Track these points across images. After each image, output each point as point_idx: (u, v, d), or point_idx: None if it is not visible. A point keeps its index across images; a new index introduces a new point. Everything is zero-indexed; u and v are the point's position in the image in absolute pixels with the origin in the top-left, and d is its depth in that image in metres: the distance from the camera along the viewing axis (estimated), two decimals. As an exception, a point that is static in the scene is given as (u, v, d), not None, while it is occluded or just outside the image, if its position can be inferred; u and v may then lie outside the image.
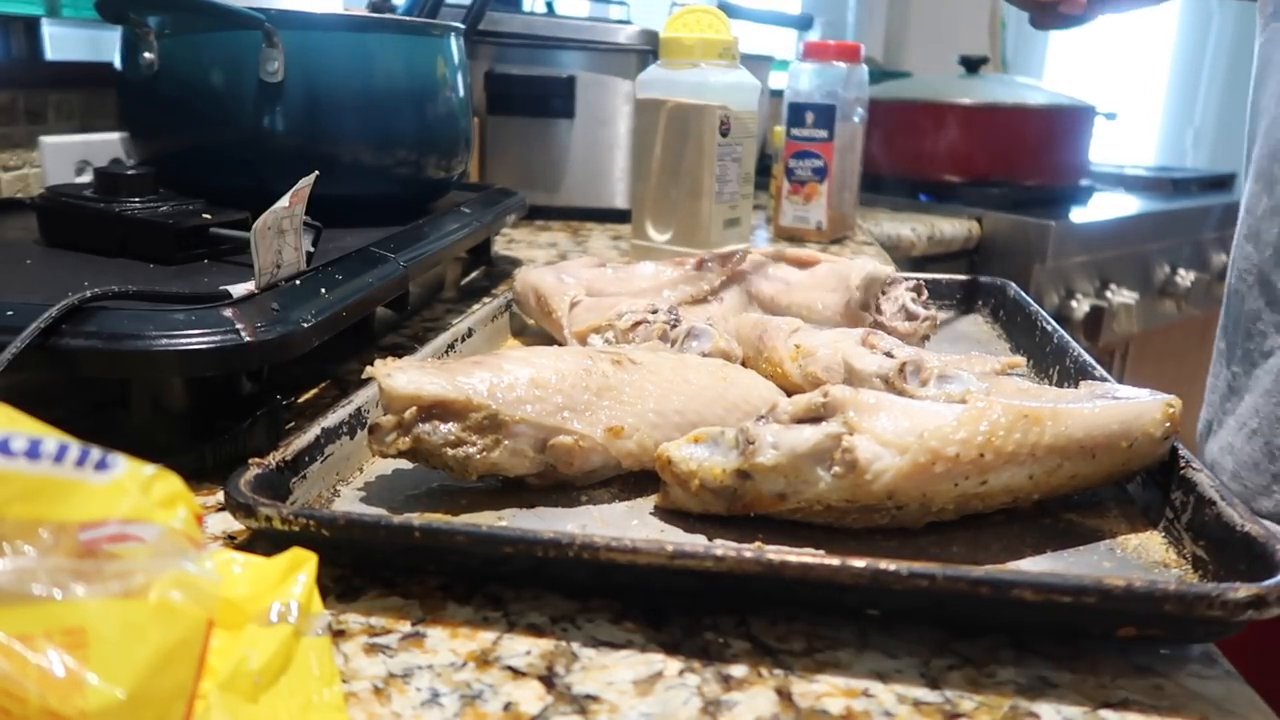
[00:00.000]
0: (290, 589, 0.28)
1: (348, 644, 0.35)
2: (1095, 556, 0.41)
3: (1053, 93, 1.73)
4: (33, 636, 0.23)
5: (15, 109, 0.97)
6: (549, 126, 1.27)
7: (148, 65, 0.71)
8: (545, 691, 0.33)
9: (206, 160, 0.73)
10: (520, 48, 1.26)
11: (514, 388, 0.45)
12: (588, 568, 0.36)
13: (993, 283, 0.81)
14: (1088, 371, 0.56)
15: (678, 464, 0.43)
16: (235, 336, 0.45)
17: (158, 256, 0.59)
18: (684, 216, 0.94)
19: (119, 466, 0.27)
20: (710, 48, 0.91)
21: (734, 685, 0.33)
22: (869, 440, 0.40)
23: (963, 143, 1.66)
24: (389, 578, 0.39)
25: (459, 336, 0.62)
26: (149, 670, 0.24)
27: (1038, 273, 1.47)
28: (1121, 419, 0.43)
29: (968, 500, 0.41)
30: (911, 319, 0.64)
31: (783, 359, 0.57)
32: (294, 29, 0.70)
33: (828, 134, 1.18)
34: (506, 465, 0.44)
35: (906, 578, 0.33)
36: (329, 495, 0.45)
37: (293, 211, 0.53)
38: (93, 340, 0.44)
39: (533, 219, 1.29)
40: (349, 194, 0.74)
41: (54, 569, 0.24)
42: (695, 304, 0.69)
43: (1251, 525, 0.37)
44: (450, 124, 0.81)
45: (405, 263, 0.64)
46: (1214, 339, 0.78)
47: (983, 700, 0.33)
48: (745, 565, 0.34)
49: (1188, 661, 0.35)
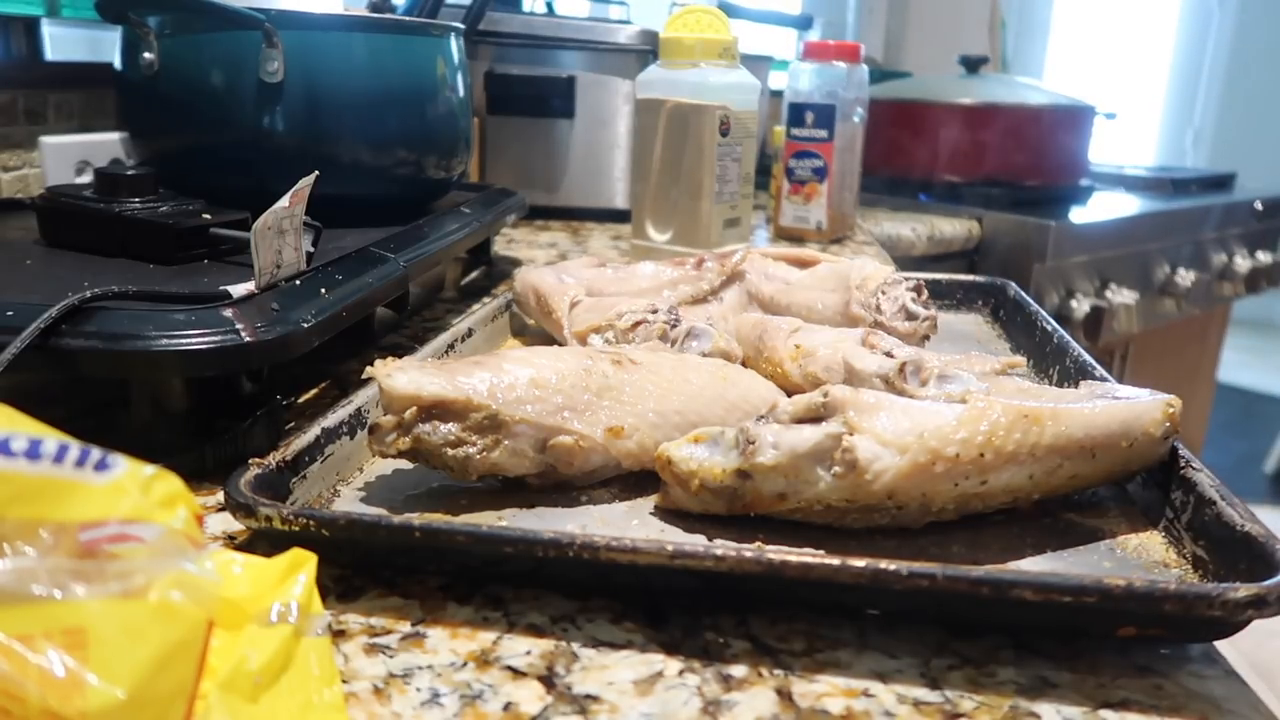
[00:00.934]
0: (290, 589, 0.28)
1: (348, 644, 0.35)
2: (1095, 556, 0.41)
3: (1053, 93, 1.73)
4: (33, 636, 0.23)
5: (15, 109, 0.97)
6: (549, 126, 1.27)
7: (148, 65, 0.71)
8: (545, 691, 0.33)
9: (206, 160, 0.73)
10: (520, 48, 1.26)
11: (514, 388, 0.45)
12: (588, 568, 0.36)
13: (993, 283, 0.81)
14: (1088, 371, 0.56)
15: (678, 464, 0.43)
16: (235, 336, 0.45)
17: (158, 256, 0.59)
18: (684, 216, 0.94)
19: (119, 466, 0.27)
20: (710, 48, 0.91)
21: (734, 685, 0.33)
22: (869, 440, 0.40)
23: (963, 143, 1.66)
24: (389, 578, 0.39)
25: (459, 336, 0.62)
26: (149, 670, 0.24)
27: (1038, 273, 1.47)
28: (1121, 419, 0.43)
29: (968, 500, 0.41)
30: (911, 319, 0.64)
31: (783, 359, 0.57)
32: (294, 29, 0.70)
33: (828, 134, 1.18)
34: (506, 465, 0.44)
35: (906, 578, 0.33)
36: (329, 495, 0.45)
37: (293, 211, 0.53)
38: (93, 340, 0.44)
39: (533, 219, 1.29)
40: (349, 194, 0.74)
41: (54, 569, 0.24)
42: (695, 304, 0.69)
43: (1251, 525, 0.37)
44: (450, 124, 0.81)
45: (405, 263, 0.64)
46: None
47: (983, 700, 0.33)
48: (745, 565, 0.34)
49: (1188, 661, 0.35)
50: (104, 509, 0.26)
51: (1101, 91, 2.46)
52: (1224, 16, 4.42)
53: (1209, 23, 4.46)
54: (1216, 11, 4.44)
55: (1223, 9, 4.41)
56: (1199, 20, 4.48)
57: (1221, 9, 4.42)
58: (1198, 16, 4.48)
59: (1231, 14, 4.40)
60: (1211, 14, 4.45)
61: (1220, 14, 4.43)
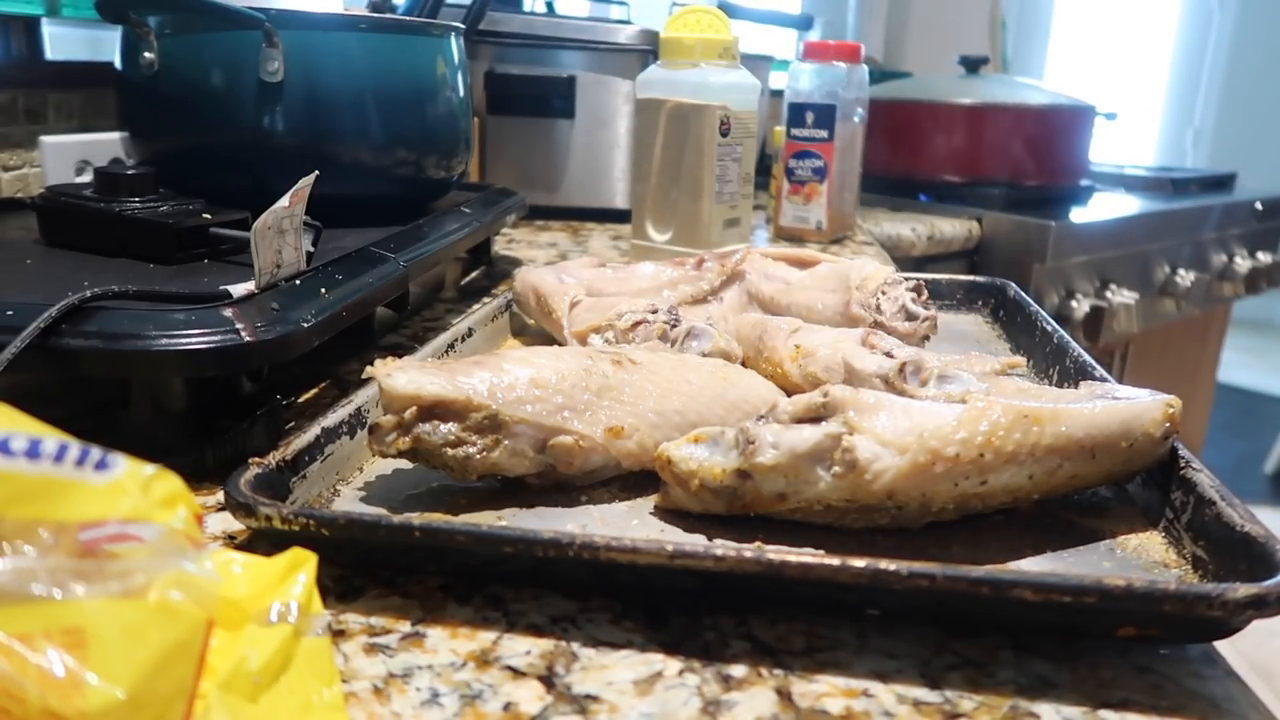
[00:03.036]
0: (290, 589, 0.28)
1: (348, 644, 0.35)
2: (1095, 556, 0.41)
3: (1053, 93, 1.73)
4: (33, 636, 0.23)
5: (15, 109, 0.97)
6: (549, 126, 1.27)
7: (148, 65, 0.71)
8: (545, 691, 0.33)
9: (206, 160, 0.73)
10: (520, 48, 1.26)
11: (514, 388, 0.45)
12: (588, 568, 0.36)
13: (993, 283, 0.81)
14: (1088, 371, 0.56)
15: (678, 464, 0.43)
16: (235, 336, 0.45)
17: (158, 256, 0.59)
18: (684, 216, 0.94)
19: (119, 466, 0.27)
20: (710, 48, 0.91)
21: (734, 685, 0.33)
22: (869, 440, 0.40)
23: (963, 143, 1.66)
24: (389, 578, 0.39)
25: (459, 336, 0.62)
26: (149, 670, 0.24)
27: (1038, 273, 1.47)
28: (1121, 419, 0.43)
29: (968, 500, 0.41)
30: (911, 319, 0.64)
31: (783, 359, 0.57)
32: (294, 29, 0.70)
33: (828, 134, 1.18)
34: (506, 465, 0.44)
35: (906, 578, 0.33)
36: (329, 495, 0.45)
37: (293, 211, 0.53)
38: (93, 340, 0.44)
39: (533, 219, 1.29)
40: (349, 194, 0.74)
41: (54, 569, 0.24)
42: (695, 304, 0.69)
43: (1251, 525, 0.37)
44: (450, 124, 0.81)
45: (405, 263, 0.64)
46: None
47: (983, 700, 0.33)
48: (745, 565, 0.34)
49: (1188, 661, 0.35)
50: (104, 509, 0.26)
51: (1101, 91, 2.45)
52: (1224, 17, 4.42)
53: (1209, 23, 4.46)
54: (1216, 12, 4.44)
55: (1223, 9, 4.42)
56: (1199, 20, 4.48)
57: (1221, 9, 4.42)
58: (1198, 17, 4.48)
59: (1231, 14, 4.40)
60: (1211, 14, 4.45)
61: (1220, 14, 4.43)
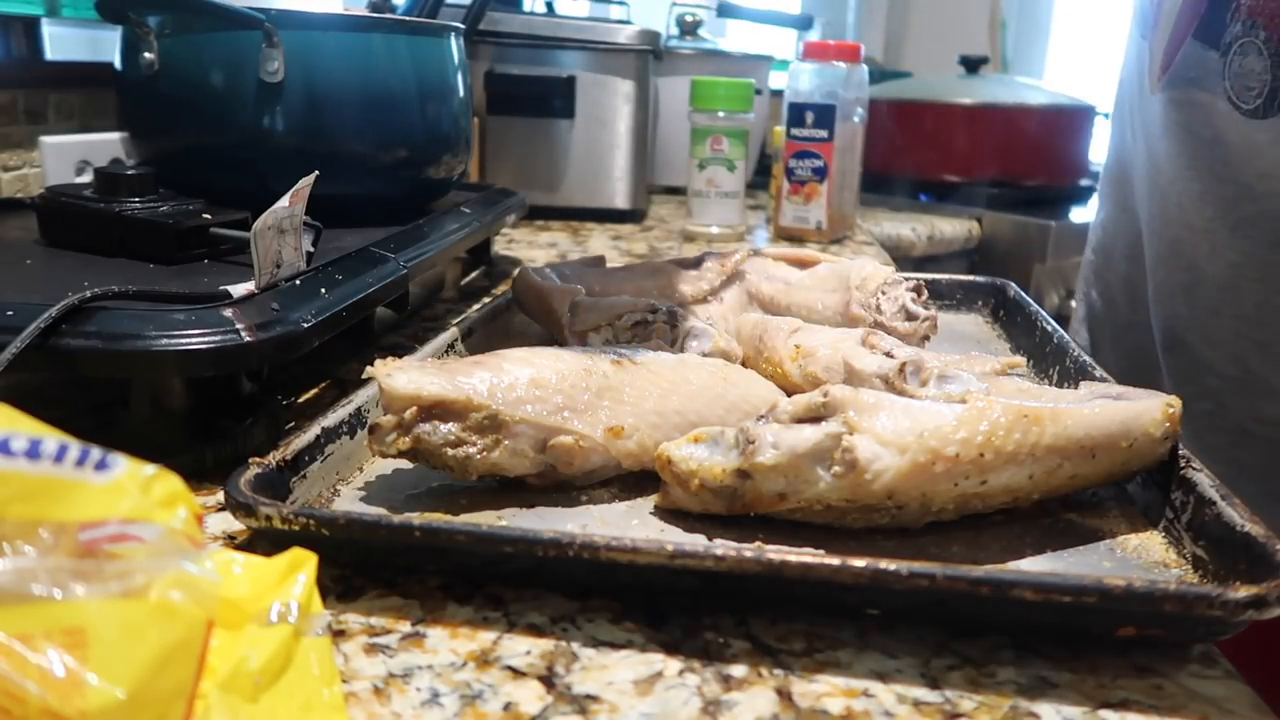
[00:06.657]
0: (290, 589, 0.28)
1: (348, 644, 0.35)
2: (1095, 556, 0.41)
3: (1053, 93, 1.73)
4: (33, 636, 0.23)
5: (15, 109, 0.97)
6: (549, 126, 1.27)
7: (148, 65, 0.71)
8: (545, 691, 0.33)
9: (206, 160, 0.73)
10: (520, 48, 1.26)
11: (514, 388, 0.45)
12: (588, 567, 0.36)
13: (993, 283, 0.81)
14: (1088, 371, 0.56)
15: (678, 464, 0.43)
16: (235, 336, 0.45)
17: (158, 256, 0.59)
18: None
19: (119, 466, 0.27)
20: None
21: (734, 685, 0.33)
22: (869, 440, 0.40)
23: (963, 143, 1.66)
24: (389, 578, 0.39)
25: (459, 336, 0.62)
26: (149, 670, 0.24)
27: (1038, 273, 1.47)
28: (1121, 419, 0.43)
29: (968, 500, 0.41)
30: (911, 319, 0.64)
31: (783, 359, 0.57)
32: (294, 29, 0.70)
33: (828, 134, 1.18)
34: (506, 465, 0.44)
35: (906, 578, 0.33)
36: (329, 495, 0.45)
37: (293, 211, 0.53)
38: (93, 340, 0.44)
39: (533, 219, 1.29)
40: (349, 194, 0.74)
41: (54, 569, 0.24)
42: (695, 304, 0.69)
43: (1251, 525, 0.37)
44: (450, 124, 0.81)
45: (405, 263, 0.64)
46: None
47: (983, 700, 0.33)
48: (745, 565, 0.34)
49: (1188, 661, 0.35)
50: (104, 509, 0.26)
51: (1101, 91, 2.45)
52: (1224, 16, 4.41)
53: (1209, 23, 4.45)
54: (1216, 11, 4.43)
55: (1223, 9, 4.41)
56: (1199, 20, 4.47)
57: (1221, 9, 4.41)
58: (1198, 16, 4.47)
59: (1231, 14, 4.39)
60: (1211, 14, 4.44)
61: (1220, 14, 4.42)
